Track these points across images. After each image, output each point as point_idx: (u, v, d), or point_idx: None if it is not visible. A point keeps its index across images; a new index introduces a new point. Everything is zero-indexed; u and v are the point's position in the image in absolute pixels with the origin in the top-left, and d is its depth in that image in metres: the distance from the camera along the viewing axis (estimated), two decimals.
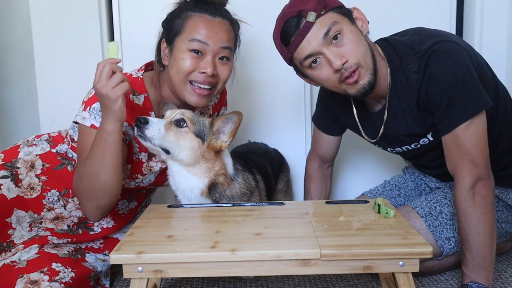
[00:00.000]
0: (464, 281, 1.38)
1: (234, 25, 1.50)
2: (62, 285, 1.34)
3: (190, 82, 1.43)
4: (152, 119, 1.33)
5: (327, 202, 1.39)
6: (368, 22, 1.41)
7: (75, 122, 1.48)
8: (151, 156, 1.53)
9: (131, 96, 1.46)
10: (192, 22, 1.42)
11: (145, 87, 1.50)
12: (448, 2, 2.14)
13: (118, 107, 1.26)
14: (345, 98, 1.61)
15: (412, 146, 1.55)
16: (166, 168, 1.59)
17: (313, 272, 1.06)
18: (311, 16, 1.31)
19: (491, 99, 1.35)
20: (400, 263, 1.05)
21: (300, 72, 1.47)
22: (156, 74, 1.55)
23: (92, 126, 1.39)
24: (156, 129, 1.32)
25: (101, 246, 1.62)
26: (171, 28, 1.45)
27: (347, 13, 1.38)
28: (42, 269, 1.36)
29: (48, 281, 1.32)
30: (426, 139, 1.51)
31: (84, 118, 1.40)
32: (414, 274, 1.09)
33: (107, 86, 1.24)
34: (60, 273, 1.37)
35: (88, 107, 1.41)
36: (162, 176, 1.62)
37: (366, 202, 1.39)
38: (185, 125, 1.37)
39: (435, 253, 1.53)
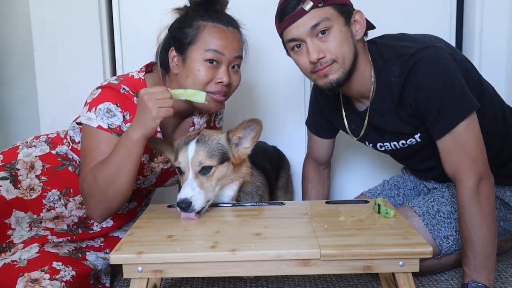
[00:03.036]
0: (464, 280, 1.38)
1: (241, 34, 1.52)
2: (63, 283, 1.34)
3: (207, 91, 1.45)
4: (187, 195, 1.25)
5: (327, 202, 1.40)
6: (366, 29, 1.44)
7: (79, 123, 1.48)
8: (152, 157, 1.53)
9: (135, 99, 1.46)
10: (207, 32, 1.43)
11: None
12: (448, 2, 2.14)
13: (153, 125, 1.27)
14: (335, 96, 1.63)
15: (400, 144, 1.56)
16: (167, 169, 1.59)
17: (313, 272, 1.06)
18: (307, 5, 1.35)
19: (477, 100, 1.39)
20: (400, 263, 1.05)
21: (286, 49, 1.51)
22: (158, 76, 1.55)
23: (99, 127, 1.40)
24: (199, 201, 1.26)
25: (102, 244, 1.62)
26: (182, 37, 1.45)
27: (346, 13, 1.40)
28: (43, 268, 1.35)
29: (49, 279, 1.32)
30: (413, 140, 1.53)
31: (90, 119, 1.40)
32: (414, 274, 1.09)
33: (156, 102, 1.25)
34: (60, 272, 1.36)
35: (94, 108, 1.41)
36: (163, 177, 1.62)
37: (366, 202, 1.39)
38: (210, 169, 1.31)
39: (434, 252, 1.52)
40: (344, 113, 1.63)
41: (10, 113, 2.46)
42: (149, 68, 1.58)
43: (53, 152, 1.56)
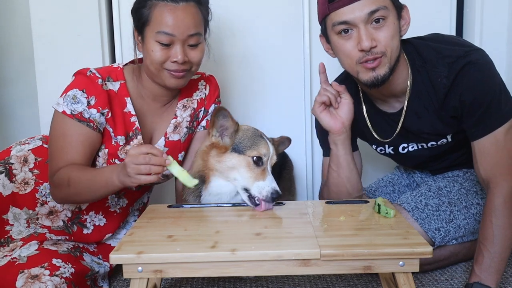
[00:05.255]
0: (471, 279, 1.38)
1: (200, 2, 1.48)
2: (63, 279, 1.33)
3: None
4: (277, 188, 1.34)
5: (327, 202, 1.40)
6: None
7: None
8: (128, 140, 1.54)
9: (99, 80, 1.49)
10: (157, 12, 1.42)
11: (124, 76, 1.55)
12: (448, 2, 2.14)
13: (130, 185, 1.30)
14: (356, 98, 1.60)
15: (429, 145, 1.57)
16: None
17: (313, 272, 1.06)
18: None
19: None
20: (400, 263, 1.05)
21: (325, 34, 1.45)
22: (137, 66, 1.59)
23: (63, 112, 1.45)
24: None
25: (95, 250, 1.63)
26: (139, 18, 1.47)
27: (399, 8, 1.38)
28: (43, 265, 1.35)
29: (49, 275, 1.32)
30: (445, 140, 1.54)
31: (58, 104, 1.46)
32: (414, 272, 1.08)
33: (134, 168, 1.23)
34: (60, 268, 1.36)
35: (64, 94, 1.47)
36: None
37: (366, 202, 1.39)
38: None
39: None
40: (367, 117, 1.59)
41: (10, 113, 2.46)
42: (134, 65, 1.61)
43: (45, 146, 1.59)
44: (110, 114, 1.50)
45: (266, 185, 1.33)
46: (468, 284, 1.38)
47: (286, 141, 1.57)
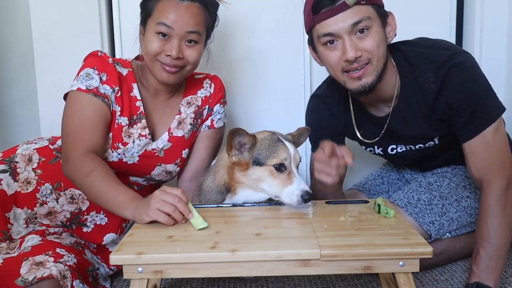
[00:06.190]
0: (471, 279, 1.39)
1: (207, 6, 1.50)
2: (67, 267, 1.32)
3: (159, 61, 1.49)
4: (304, 187, 1.32)
5: (327, 202, 1.40)
6: (395, 34, 1.43)
7: (64, 99, 1.53)
8: (132, 123, 1.55)
9: (110, 59, 1.53)
10: (161, 5, 1.46)
11: (131, 66, 1.59)
12: (448, 2, 2.14)
13: (143, 219, 1.25)
14: (345, 103, 1.61)
15: (417, 147, 1.58)
16: (145, 140, 1.57)
17: (313, 272, 1.06)
18: (350, 0, 1.30)
19: None
20: (400, 263, 1.05)
21: (312, 44, 1.46)
22: (141, 63, 1.62)
23: (78, 89, 1.47)
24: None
25: (94, 250, 1.63)
26: (145, 10, 1.50)
27: (383, 16, 1.39)
28: (47, 252, 1.34)
29: (53, 262, 1.31)
30: (432, 142, 1.55)
31: (72, 86, 1.49)
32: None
33: (154, 206, 1.22)
34: (64, 257, 1.35)
35: (77, 76, 1.49)
36: (147, 159, 1.60)
37: (366, 202, 1.39)
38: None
39: (424, 237, 1.54)
40: (354, 119, 1.60)
41: (10, 113, 2.46)
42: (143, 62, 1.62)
43: (51, 147, 1.60)
44: (120, 93, 1.52)
45: (295, 188, 1.31)
46: (468, 284, 1.39)
47: (305, 131, 1.53)
